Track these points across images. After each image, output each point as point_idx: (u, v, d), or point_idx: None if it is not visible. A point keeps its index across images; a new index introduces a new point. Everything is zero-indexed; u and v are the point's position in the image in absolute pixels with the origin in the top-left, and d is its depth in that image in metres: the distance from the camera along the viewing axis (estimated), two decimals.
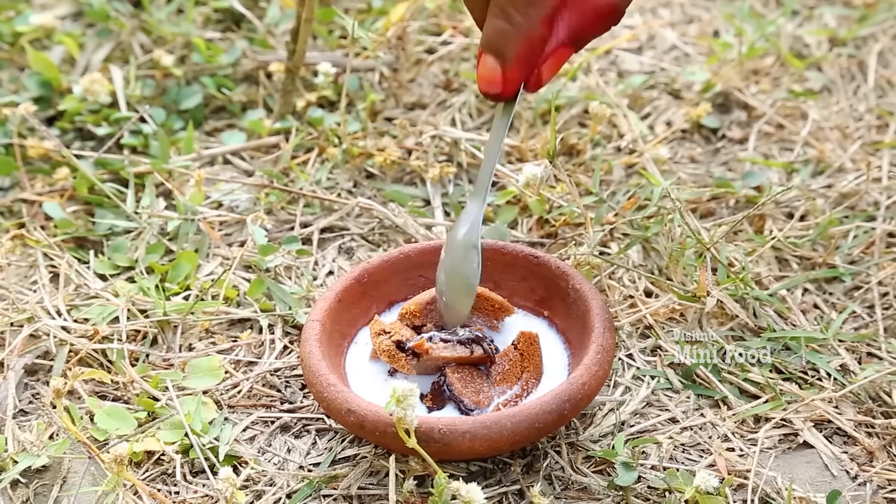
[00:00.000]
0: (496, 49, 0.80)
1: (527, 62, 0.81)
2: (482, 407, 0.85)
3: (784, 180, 1.12)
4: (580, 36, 0.81)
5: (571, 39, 0.81)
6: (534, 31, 0.79)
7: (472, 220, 0.88)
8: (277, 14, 1.30)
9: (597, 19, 0.80)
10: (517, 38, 0.79)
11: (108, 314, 0.98)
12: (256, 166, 1.15)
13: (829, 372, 0.92)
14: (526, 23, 0.79)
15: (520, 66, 0.81)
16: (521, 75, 0.82)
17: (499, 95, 0.82)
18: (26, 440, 0.88)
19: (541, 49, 0.81)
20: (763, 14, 1.34)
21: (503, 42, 0.79)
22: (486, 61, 0.81)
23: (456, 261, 0.88)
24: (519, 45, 0.80)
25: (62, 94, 1.21)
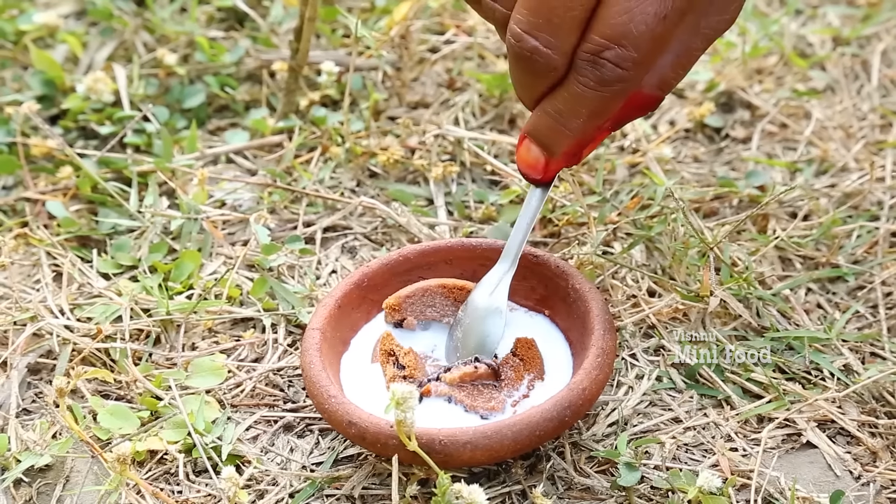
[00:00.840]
0: (544, 143, 0.81)
1: (574, 157, 0.83)
2: (497, 411, 0.85)
3: (787, 180, 1.12)
4: (622, 122, 0.83)
5: (612, 125, 0.83)
6: (586, 136, 0.81)
7: (499, 284, 0.89)
8: (281, 13, 1.30)
9: (640, 110, 0.82)
10: (569, 140, 0.81)
11: (111, 313, 0.98)
12: (260, 165, 1.15)
13: (833, 372, 0.92)
14: (583, 130, 0.80)
15: (566, 160, 0.83)
16: (564, 165, 0.83)
17: (538, 181, 0.84)
18: (29, 439, 0.88)
19: (588, 144, 0.83)
20: (766, 13, 1.34)
21: (554, 139, 0.81)
22: (531, 149, 0.82)
23: (476, 320, 0.89)
24: (569, 146, 0.81)
25: (65, 92, 1.21)
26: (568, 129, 0.80)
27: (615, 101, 0.78)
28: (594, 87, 0.76)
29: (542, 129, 0.81)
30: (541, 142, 0.82)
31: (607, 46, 0.75)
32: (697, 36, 0.79)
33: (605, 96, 0.77)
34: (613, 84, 0.76)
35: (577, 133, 0.80)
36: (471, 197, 1.10)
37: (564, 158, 0.83)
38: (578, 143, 0.81)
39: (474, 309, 0.89)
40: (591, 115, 0.78)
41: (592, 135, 0.82)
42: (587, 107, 0.78)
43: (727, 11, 0.79)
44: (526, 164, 0.83)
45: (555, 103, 0.79)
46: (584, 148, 0.83)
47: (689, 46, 0.80)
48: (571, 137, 0.80)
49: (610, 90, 0.76)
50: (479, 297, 0.89)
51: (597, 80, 0.76)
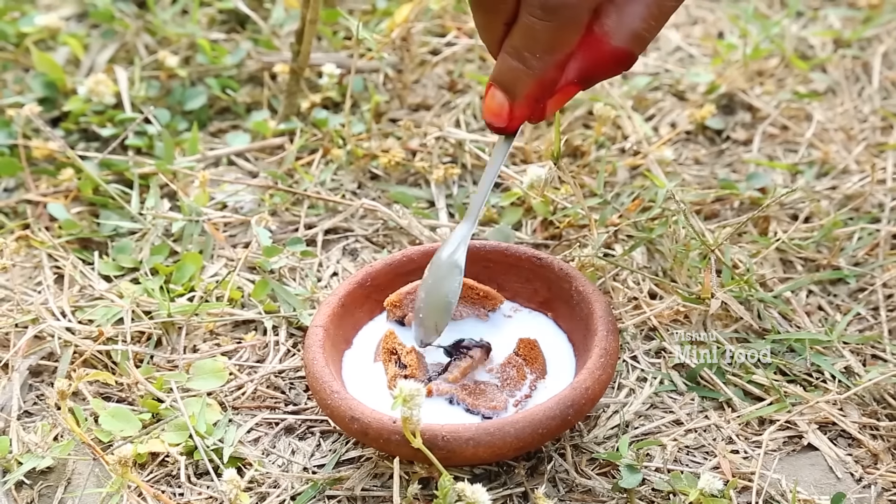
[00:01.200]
0: (507, 86, 0.81)
1: (535, 101, 0.82)
2: (500, 410, 0.85)
3: (788, 182, 1.12)
4: (590, 76, 0.81)
5: (580, 78, 0.81)
6: (547, 74, 0.80)
7: (460, 242, 0.88)
8: (282, 15, 1.30)
9: (610, 63, 0.80)
10: (530, 79, 0.80)
11: (112, 315, 0.98)
12: (261, 167, 1.15)
13: (834, 374, 0.92)
14: (540, 66, 0.79)
15: (528, 104, 0.82)
16: (527, 113, 0.82)
17: (503, 129, 0.83)
18: (31, 441, 0.88)
19: (551, 90, 0.81)
20: (768, 15, 1.34)
21: (515, 81, 0.80)
22: (495, 95, 0.81)
23: (437, 279, 0.88)
24: (530, 87, 0.80)
25: (67, 95, 1.21)
26: (527, 66, 0.79)
27: (566, 32, 0.77)
28: (541, 17, 0.76)
29: (502, 71, 0.80)
30: (503, 85, 0.81)
31: None
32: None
33: (553, 25, 0.76)
34: (558, 10, 0.75)
35: (535, 71, 0.79)
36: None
37: (527, 103, 0.81)
38: (540, 85, 0.80)
39: (437, 267, 0.89)
40: (546, 49, 0.78)
41: (553, 76, 0.80)
42: (539, 39, 0.77)
43: None
44: (490, 111, 0.83)
45: (511, 40, 0.79)
46: (548, 96, 0.82)
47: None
48: (531, 76, 0.79)
49: (557, 18, 0.76)
50: (443, 255, 0.88)
51: (542, 8, 0.76)
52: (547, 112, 0.83)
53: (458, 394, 0.86)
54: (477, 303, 0.93)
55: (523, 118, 0.83)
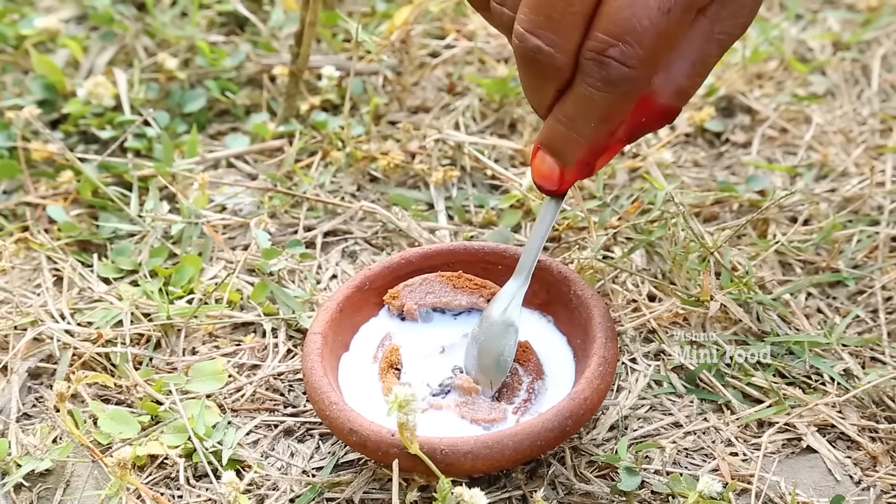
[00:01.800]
0: (558, 152, 0.80)
1: (588, 166, 0.81)
2: (499, 421, 0.85)
3: (787, 184, 1.12)
4: (637, 133, 0.81)
5: (628, 136, 0.81)
6: (600, 143, 0.79)
7: (512, 300, 0.88)
8: (281, 17, 1.30)
9: (657, 120, 0.80)
10: (582, 147, 0.79)
11: (111, 318, 0.98)
12: (260, 170, 1.15)
13: (833, 376, 0.92)
14: (594, 137, 0.78)
15: (580, 170, 0.81)
16: (578, 176, 0.82)
17: (554, 192, 0.83)
18: (30, 444, 0.88)
19: (602, 154, 0.81)
20: (767, 18, 1.34)
21: (567, 148, 0.79)
22: (545, 159, 0.81)
23: (491, 337, 0.88)
24: (583, 154, 0.79)
25: (66, 97, 1.21)
26: (579, 135, 0.78)
27: (624, 103, 0.76)
28: (601, 88, 0.74)
29: (554, 137, 0.79)
30: (554, 150, 0.80)
31: (611, 44, 0.72)
32: (711, 42, 0.78)
33: (613, 97, 0.75)
34: (620, 84, 0.74)
35: (589, 139, 0.78)
36: (471, 201, 1.10)
37: (578, 168, 0.81)
38: (592, 151, 0.80)
39: (490, 325, 0.88)
40: (602, 119, 0.76)
41: (605, 142, 0.80)
42: (596, 110, 0.76)
43: (741, 15, 0.78)
44: (540, 175, 0.82)
45: (564, 108, 0.77)
46: (599, 157, 0.81)
47: (704, 53, 0.78)
48: (584, 144, 0.78)
49: (617, 90, 0.74)
50: (495, 313, 0.88)
51: (603, 81, 0.74)
52: (595, 170, 0.82)
53: (455, 410, 0.86)
54: (475, 291, 0.93)
55: (574, 181, 0.82)
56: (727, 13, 0.77)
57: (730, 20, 0.77)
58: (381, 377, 0.89)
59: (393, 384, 0.87)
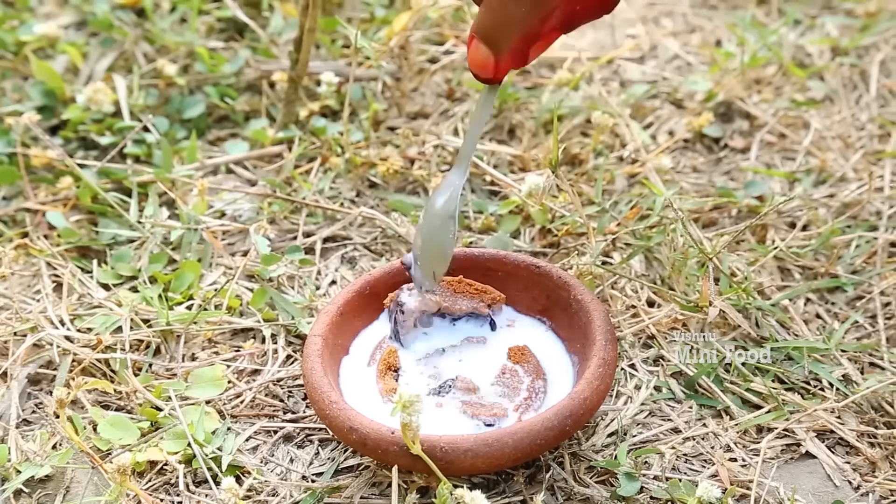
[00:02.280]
0: (490, 40, 0.79)
1: (520, 53, 0.80)
2: (500, 417, 0.85)
3: (786, 190, 1.12)
4: (572, 21, 0.79)
5: (563, 23, 0.79)
6: (532, 27, 0.78)
7: (452, 191, 0.87)
8: (280, 23, 1.31)
9: (593, 7, 0.78)
10: (514, 34, 0.78)
11: (111, 324, 0.98)
12: (259, 176, 1.15)
13: (832, 382, 0.92)
14: (526, 23, 0.77)
15: (513, 57, 0.80)
16: (512, 64, 0.81)
17: (489, 80, 0.82)
18: (29, 450, 0.88)
19: (535, 41, 0.79)
20: (765, 23, 1.34)
21: (499, 35, 0.78)
22: (480, 48, 0.80)
23: (432, 229, 0.88)
24: (515, 41, 0.78)
25: (66, 103, 1.21)
26: (511, 21, 0.77)
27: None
28: None
29: (486, 24, 0.78)
30: (487, 38, 0.79)
31: None
32: None
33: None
34: None
35: (521, 25, 0.77)
36: (470, 207, 1.10)
37: (512, 56, 0.80)
38: (524, 38, 0.78)
39: (432, 217, 0.88)
40: (533, 4, 0.75)
41: (537, 29, 0.78)
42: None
43: None
44: (475, 63, 0.81)
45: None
46: (531, 46, 0.80)
47: None
48: (516, 31, 0.77)
49: None
50: (437, 204, 0.88)
51: None
52: (529, 59, 0.80)
53: (457, 407, 0.86)
54: (475, 296, 0.93)
55: (508, 69, 0.81)
56: None
57: None
58: (379, 379, 0.89)
59: (392, 386, 0.88)
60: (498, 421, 0.85)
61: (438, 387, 0.88)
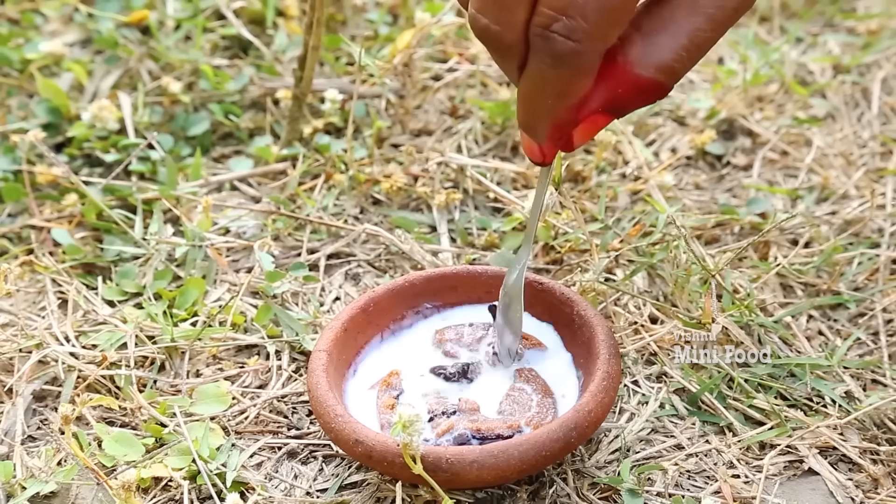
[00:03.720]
0: (529, 129, 0.79)
1: (558, 139, 0.80)
2: (515, 429, 0.86)
3: (788, 207, 1.12)
4: (618, 105, 0.78)
5: (608, 108, 0.78)
6: (561, 117, 0.78)
7: (519, 269, 0.89)
8: (285, 41, 1.31)
9: (635, 93, 0.77)
10: (546, 123, 0.78)
11: (116, 340, 0.98)
12: (264, 193, 1.15)
13: (834, 399, 0.92)
14: (554, 113, 0.77)
15: (553, 143, 0.80)
16: (555, 149, 0.81)
17: (542, 163, 0.82)
18: (35, 466, 0.88)
19: (571, 126, 0.79)
20: (767, 41, 1.34)
21: (533, 125, 0.78)
22: (524, 136, 0.81)
23: (505, 305, 0.90)
24: (549, 129, 0.78)
25: (71, 120, 1.22)
26: (540, 112, 0.77)
27: (577, 78, 0.74)
28: (550, 64, 0.73)
29: (521, 116, 0.78)
30: (525, 128, 0.79)
31: (555, 18, 0.71)
32: (697, 15, 0.74)
33: (562, 72, 0.73)
34: (567, 58, 0.72)
35: (550, 116, 0.77)
36: (474, 224, 1.10)
37: (553, 142, 0.80)
38: (557, 126, 0.78)
39: (503, 295, 0.90)
40: (558, 95, 0.75)
41: (569, 116, 0.78)
42: (550, 86, 0.74)
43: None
44: (525, 149, 0.82)
45: (522, 86, 0.76)
46: (570, 130, 0.79)
47: (690, 26, 0.74)
48: (546, 121, 0.77)
49: (566, 65, 0.72)
50: (508, 280, 0.90)
51: (550, 56, 0.72)
52: (575, 143, 0.80)
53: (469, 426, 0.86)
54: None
55: (554, 152, 0.81)
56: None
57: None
58: (379, 399, 0.89)
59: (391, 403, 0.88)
60: (515, 432, 0.85)
61: (443, 412, 0.88)
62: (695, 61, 0.76)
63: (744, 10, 0.75)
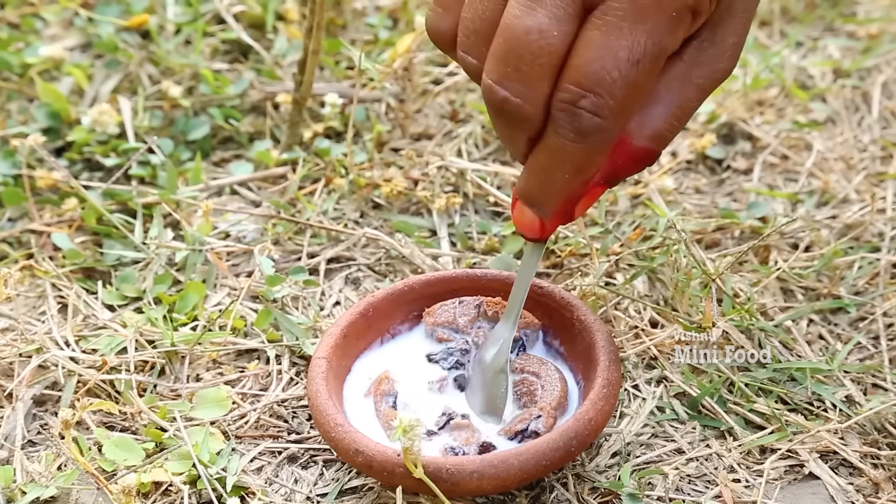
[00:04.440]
0: (535, 203, 0.79)
1: (566, 214, 0.80)
2: (536, 417, 0.86)
3: (789, 211, 1.12)
4: (615, 177, 0.79)
5: (606, 179, 0.79)
6: (576, 191, 0.78)
7: (501, 344, 0.87)
8: (284, 45, 1.31)
9: (633, 163, 0.78)
10: (559, 199, 0.78)
11: (116, 345, 0.98)
12: (264, 197, 1.15)
13: (835, 403, 0.92)
14: (569, 187, 0.77)
15: (559, 218, 0.80)
16: (558, 224, 0.81)
17: (536, 240, 0.82)
18: (35, 471, 0.88)
19: (578, 200, 0.80)
20: (767, 45, 1.34)
21: (544, 199, 0.78)
22: (525, 211, 0.80)
23: (485, 383, 0.88)
24: (560, 204, 0.79)
25: (71, 125, 1.22)
26: (554, 186, 0.77)
27: (598, 153, 0.74)
28: (573, 139, 0.73)
29: (530, 189, 0.78)
30: (531, 202, 0.79)
31: (582, 95, 0.71)
32: (689, 86, 0.76)
33: (585, 147, 0.73)
34: (592, 134, 0.72)
35: (564, 190, 0.77)
36: (474, 228, 1.10)
37: (557, 217, 0.80)
38: (568, 201, 0.79)
39: (483, 371, 0.88)
40: (576, 170, 0.75)
41: (581, 190, 0.78)
42: (569, 160, 0.74)
43: (720, 61, 0.76)
44: (521, 225, 0.81)
45: (538, 159, 0.76)
46: (577, 205, 0.80)
47: (682, 97, 0.77)
48: (560, 195, 0.78)
49: (589, 141, 0.73)
50: (487, 358, 0.88)
51: (575, 132, 0.72)
52: (575, 216, 0.81)
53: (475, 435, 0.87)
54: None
55: (555, 228, 0.82)
56: (705, 58, 0.76)
57: (708, 65, 0.76)
58: (376, 406, 0.89)
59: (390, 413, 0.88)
60: (543, 417, 0.85)
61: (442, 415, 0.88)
62: (681, 128, 0.78)
63: (724, 80, 0.78)
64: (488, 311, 0.93)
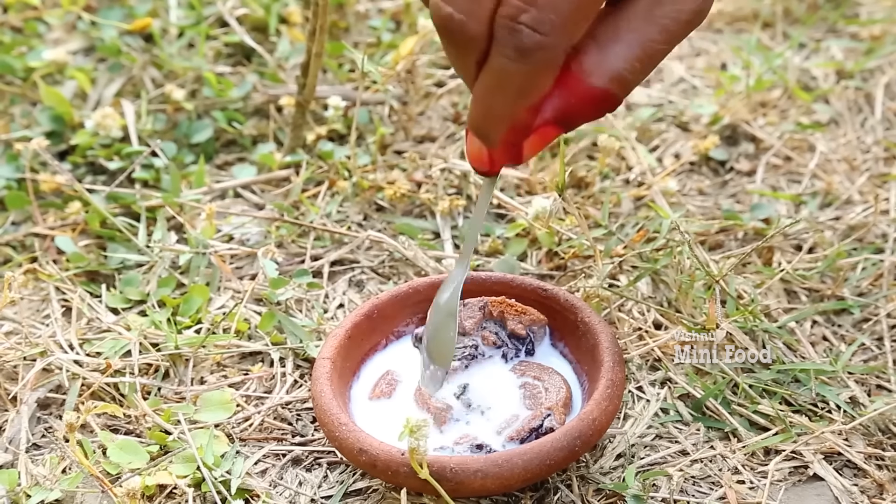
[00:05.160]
0: (481, 133, 0.76)
1: (512, 146, 0.77)
2: (546, 414, 0.86)
3: (792, 212, 1.12)
4: (569, 118, 0.75)
5: (558, 119, 0.75)
6: (519, 119, 0.75)
7: (454, 286, 0.86)
8: (288, 48, 1.31)
9: (589, 104, 0.74)
10: (503, 125, 0.75)
11: (120, 348, 0.98)
12: (267, 199, 1.15)
13: (839, 404, 0.92)
14: (513, 113, 0.74)
15: (506, 150, 0.77)
16: (505, 157, 0.78)
17: (487, 172, 0.79)
18: (39, 474, 0.88)
19: (526, 133, 0.76)
20: (770, 47, 1.35)
21: (488, 127, 0.75)
22: (473, 141, 0.77)
23: (437, 325, 0.88)
24: (504, 132, 0.76)
25: (74, 128, 1.22)
26: (498, 111, 0.74)
27: (540, 75, 0.71)
28: (514, 58, 0.70)
29: (475, 117, 0.75)
30: (477, 132, 0.76)
31: (523, 9, 0.68)
32: (652, 24, 0.72)
33: (526, 67, 0.70)
34: (533, 52, 0.69)
35: (507, 117, 0.74)
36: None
37: (505, 149, 0.76)
38: (514, 130, 0.75)
39: (437, 312, 0.87)
40: (517, 92, 0.72)
41: (527, 119, 0.75)
42: (511, 82, 0.71)
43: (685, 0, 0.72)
44: (471, 156, 0.78)
45: (481, 82, 0.73)
46: (524, 137, 0.76)
47: (644, 36, 0.72)
48: (502, 122, 0.74)
49: (530, 60, 0.70)
50: (440, 300, 0.87)
51: (515, 49, 0.69)
52: (524, 155, 0.77)
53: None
54: (515, 316, 0.93)
55: (502, 161, 0.79)
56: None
57: (671, 3, 0.72)
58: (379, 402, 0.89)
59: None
60: (553, 415, 0.85)
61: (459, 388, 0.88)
62: (646, 73, 0.74)
63: (695, 25, 0.73)
64: (493, 311, 0.93)
